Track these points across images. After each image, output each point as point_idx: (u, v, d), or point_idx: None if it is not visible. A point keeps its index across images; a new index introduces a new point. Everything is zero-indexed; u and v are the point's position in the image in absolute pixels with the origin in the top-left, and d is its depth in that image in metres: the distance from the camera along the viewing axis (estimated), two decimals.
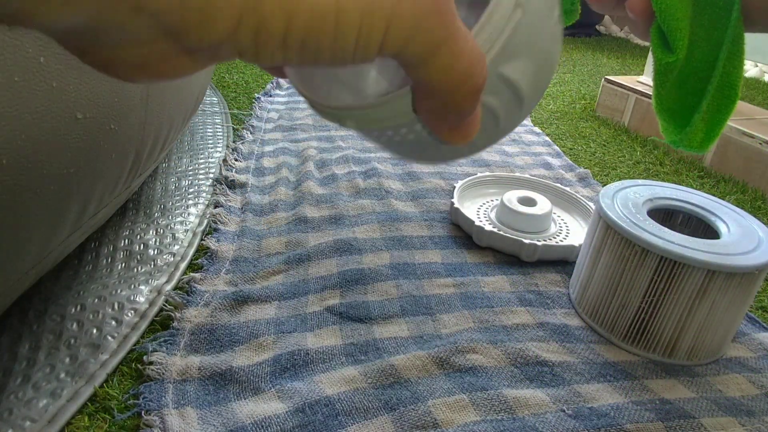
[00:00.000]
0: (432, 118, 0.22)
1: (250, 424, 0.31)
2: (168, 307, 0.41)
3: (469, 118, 0.22)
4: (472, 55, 0.20)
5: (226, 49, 0.16)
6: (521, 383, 0.36)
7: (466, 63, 0.20)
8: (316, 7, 0.16)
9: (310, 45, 0.17)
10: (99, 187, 0.39)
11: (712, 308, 0.37)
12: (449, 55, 0.19)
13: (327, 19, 0.16)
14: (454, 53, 0.19)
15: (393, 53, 0.18)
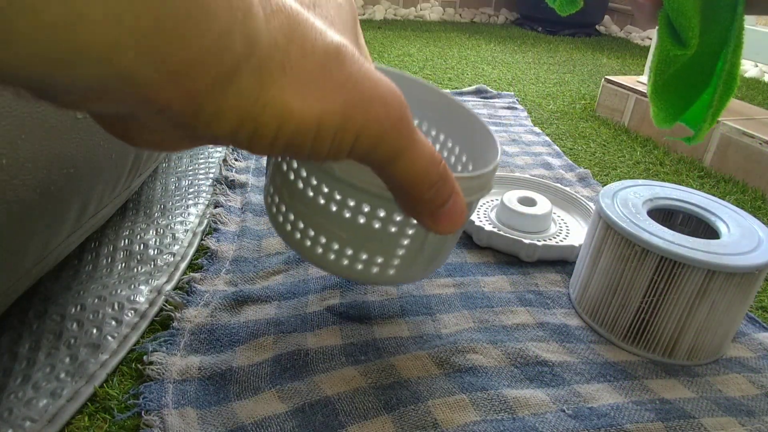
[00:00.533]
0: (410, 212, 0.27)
1: (250, 424, 0.31)
2: (168, 307, 0.41)
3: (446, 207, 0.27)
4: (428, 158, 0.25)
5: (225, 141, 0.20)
6: (521, 383, 0.36)
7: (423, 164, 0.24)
8: (302, 121, 0.20)
9: (294, 146, 0.21)
10: (99, 187, 0.39)
11: (712, 308, 0.37)
12: (408, 159, 0.24)
13: (309, 130, 0.20)
14: (412, 158, 0.24)
15: (359, 158, 0.23)
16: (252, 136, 0.19)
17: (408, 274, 0.34)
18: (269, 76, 0.19)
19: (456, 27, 1.90)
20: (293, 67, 0.20)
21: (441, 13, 2.05)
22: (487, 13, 2.15)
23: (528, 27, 1.99)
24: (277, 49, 0.19)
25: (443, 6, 2.07)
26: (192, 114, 0.18)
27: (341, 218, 0.31)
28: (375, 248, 0.32)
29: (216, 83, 0.17)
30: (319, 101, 0.20)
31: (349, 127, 0.21)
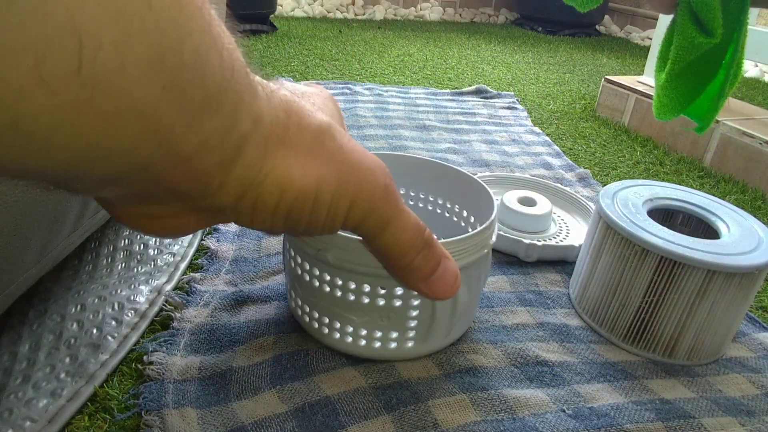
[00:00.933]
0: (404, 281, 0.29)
1: (250, 424, 0.31)
2: (168, 307, 0.41)
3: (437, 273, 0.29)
4: (413, 227, 0.26)
5: (228, 214, 0.21)
6: (521, 383, 0.36)
7: (409, 234, 0.26)
8: (301, 188, 0.21)
9: (293, 215, 0.22)
10: None
11: (712, 308, 0.37)
12: (396, 229, 0.25)
13: (308, 198, 0.21)
14: (399, 228, 0.26)
15: (353, 227, 0.24)
16: (254, 205, 0.21)
17: (428, 344, 0.36)
18: (271, 148, 0.20)
19: (456, 27, 1.90)
20: (292, 139, 0.21)
21: (441, 13, 2.05)
22: (487, 13, 2.15)
23: (528, 27, 1.99)
24: (278, 125, 0.20)
25: (443, 6, 2.07)
26: (199, 189, 0.19)
27: (347, 302, 0.34)
28: (386, 324, 0.34)
29: (223, 161, 0.18)
30: (316, 169, 0.22)
31: (343, 194, 0.23)
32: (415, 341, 0.35)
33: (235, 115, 0.18)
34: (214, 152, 0.18)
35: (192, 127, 0.16)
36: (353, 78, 1.12)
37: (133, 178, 0.17)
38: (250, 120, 0.19)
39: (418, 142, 0.78)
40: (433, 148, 0.77)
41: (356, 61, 1.26)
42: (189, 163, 0.17)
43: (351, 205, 0.23)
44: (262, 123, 0.20)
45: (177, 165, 0.17)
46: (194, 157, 0.17)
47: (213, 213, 0.21)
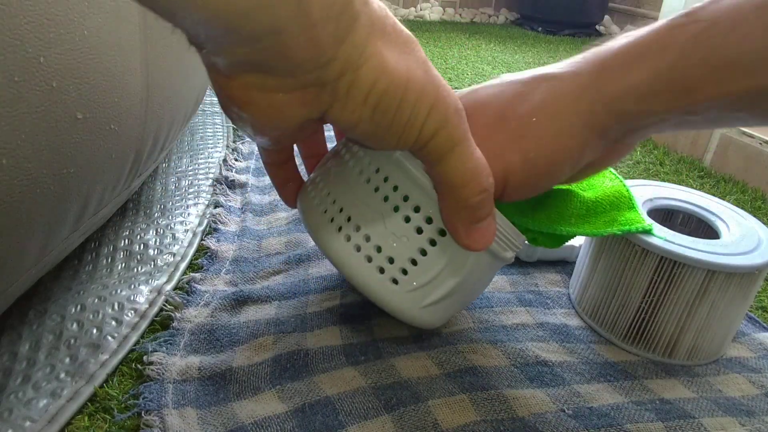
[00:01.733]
0: (451, 218, 0.29)
1: (250, 424, 0.31)
2: (168, 307, 0.41)
3: (482, 224, 0.29)
4: (478, 161, 0.27)
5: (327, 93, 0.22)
6: (521, 383, 0.36)
7: (473, 164, 0.26)
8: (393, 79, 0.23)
9: (380, 108, 0.23)
10: (99, 187, 0.39)
11: (712, 308, 0.37)
12: (461, 155, 0.26)
13: (398, 90, 0.23)
14: (464, 155, 0.26)
15: (425, 141, 0.25)
16: (351, 86, 0.22)
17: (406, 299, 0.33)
18: (374, 35, 0.22)
19: (456, 27, 1.90)
20: (390, 35, 0.23)
21: (441, 13, 2.05)
22: (487, 13, 2.15)
23: (528, 27, 1.98)
24: (380, 17, 0.23)
25: (443, 6, 2.07)
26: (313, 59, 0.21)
27: (378, 201, 0.32)
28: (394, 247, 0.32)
29: (338, 33, 0.21)
30: (407, 66, 0.23)
31: (425, 97, 0.24)
32: (401, 284, 0.32)
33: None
34: (333, 22, 0.20)
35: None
36: None
37: (267, 40, 0.19)
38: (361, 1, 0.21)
39: None
40: None
41: None
42: (313, 30, 0.20)
43: (429, 111, 0.24)
44: (370, 7, 0.22)
45: (304, 31, 0.19)
46: (318, 25, 0.20)
47: (315, 92, 0.22)
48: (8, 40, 0.25)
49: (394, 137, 0.25)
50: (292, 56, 0.20)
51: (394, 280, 0.32)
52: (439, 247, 0.31)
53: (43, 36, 0.28)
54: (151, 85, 0.42)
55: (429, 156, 0.26)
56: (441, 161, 0.26)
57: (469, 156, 0.26)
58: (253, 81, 0.22)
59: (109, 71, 0.35)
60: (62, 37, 0.29)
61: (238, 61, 0.21)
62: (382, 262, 0.32)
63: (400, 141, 0.25)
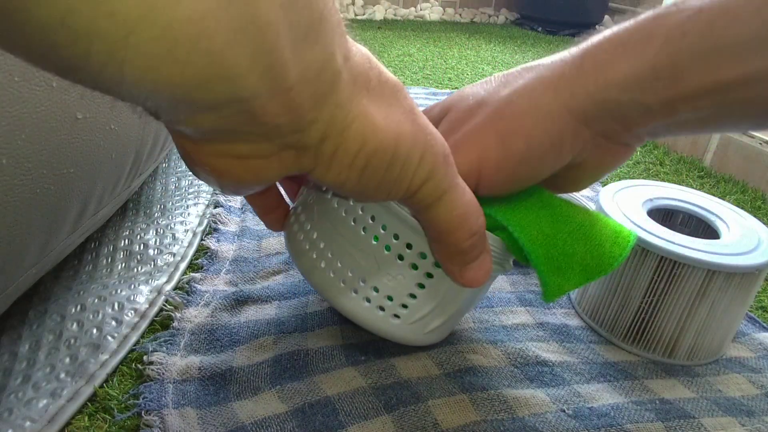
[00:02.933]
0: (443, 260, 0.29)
1: (250, 424, 0.31)
2: (168, 307, 0.41)
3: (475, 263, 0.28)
4: (467, 206, 0.26)
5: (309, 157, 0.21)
6: (521, 383, 0.36)
7: (461, 211, 0.26)
8: (383, 140, 0.21)
9: (369, 169, 0.22)
10: (99, 187, 0.39)
11: (712, 308, 0.37)
12: (449, 202, 0.25)
13: (387, 150, 0.22)
14: (452, 202, 0.25)
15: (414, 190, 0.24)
16: (336, 150, 0.21)
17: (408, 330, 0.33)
18: (357, 92, 0.21)
19: (456, 27, 1.90)
20: (374, 89, 0.22)
21: (441, 13, 2.05)
22: (487, 13, 2.15)
23: (528, 27, 1.98)
24: (364, 70, 0.21)
25: (443, 6, 2.07)
26: (292, 123, 0.19)
27: (367, 243, 0.31)
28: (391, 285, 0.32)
29: (318, 95, 0.19)
30: (396, 123, 0.22)
31: (415, 152, 0.23)
32: (402, 319, 0.33)
33: (332, 48, 0.19)
34: (311, 84, 0.18)
35: (296, 54, 0.17)
36: None
37: (235, 107, 0.17)
38: (342, 56, 0.19)
39: None
40: None
41: None
42: (289, 93, 0.17)
43: (419, 163, 0.23)
44: (351, 62, 0.20)
45: (277, 95, 0.17)
46: (294, 88, 0.18)
47: (296, 155, 0.20)
48: None
49: (382, 194, 0.23)
50: (266, 122, 0.18)
51: (395, 315, 0.33)
52: (436, 279, 0.31)
53: None
54: None
55: (416, 205, 0.25)
56: (429, 209, 0.25)
57: (457, 202, 0.25)
58: (223, 149, 0.19)
59: None
60: None
61: (203, 130, 0.18)
62: (381, 302, 0.32)
63: (389, 196, 0.24)
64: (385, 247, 0.31)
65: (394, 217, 0.30)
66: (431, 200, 0.25)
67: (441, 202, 0.25)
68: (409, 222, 0.29)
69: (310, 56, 0.17)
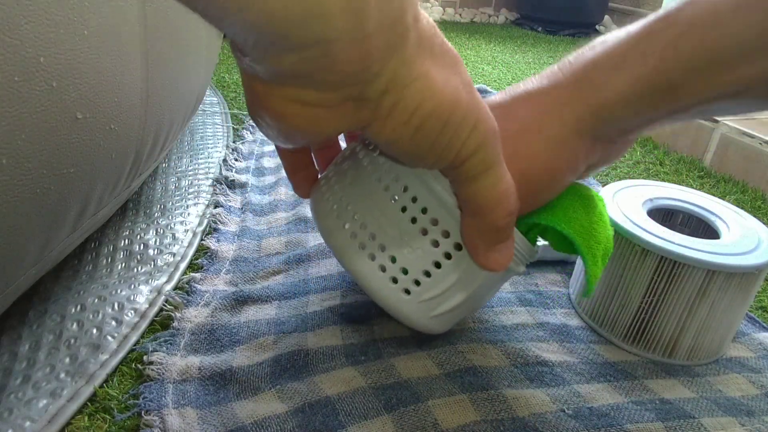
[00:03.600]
0: (473, 238, 0.29)
1: (250, 424, 0.31)
2: (168, 307, 0.41)
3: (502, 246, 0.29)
4: (508, 184, 0.27)
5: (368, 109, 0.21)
6: (521, 383, 0.36)
7: (504, 187, 0.26)
8: (440, 102, 0.22)
9: (423, 130, 0.22)
10: (99, 187, 0.39)
11: (712, 308, 0.37)
12: (494, 176, 0.26)
13: (443, 114, 0.22)
14: (497, 177, 0.26)
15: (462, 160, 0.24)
16: (395, 105, 0.21)
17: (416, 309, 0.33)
18: (422, 53, 0.21)
19: (456, 27, 1.90)
20: (437, 54, 0.22)
21: (441, 13, 2.05)
22: (487, 13, 2.15)
23: (528, 27, 1.98)
24: (429, 35, 0.22)
25: (443, 6, 2.07)
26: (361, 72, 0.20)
27: (395, 211, 0.31)
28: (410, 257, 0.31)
29: (388, 47, 0.20)
30: (454, 89, 0.23)
31: (468, 120, 0.23)
32: (412, 295, 0.32)
33: (405, 5, 0.20)
34: (385, 34, 0.19)
35: (380, 3, 0.18)
36: None
37: (318, 49, 0.18)
38: (412, 16, 0.20)
39: None
40: None
41: None
42: (366, 41, 0.19)
43: (470, 133, 0.24)
44: (420, 24, 0.21)
45: (356, 42, 0.18)
46: (372, 36, 0.19)
47: (356, 107, 0.21)
48: (8, 40, 0.25)
49: (432, 157, 0.24)
50: (339, 68, 0.19)
51: (406, 290, 0.32)
52: (454, 261, 0.31)
53: (43, 36, 0.28)
54: (151, 85, 0.42)
55: (461, 176, 0.26)
56: (473, 182, 0.26)
57: (501, 178, 0.26)
58: (293, 93, 0.21)
59: (109, 71, 0.35)
60: (62, 37, 0.29)
61: (282, 71, 0.20)
62: (395, 273, 0.32)
63: (437, 161, 0.24)
64: (411, 219, 0.31)
65: (428, 191, 0.30)
66: (477, 172, 0.25)
67: (486, 176, 0.26)
68: (442, 197, 0.29)
69: (388, 7, 0.19)
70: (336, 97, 0.21)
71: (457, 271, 0.32)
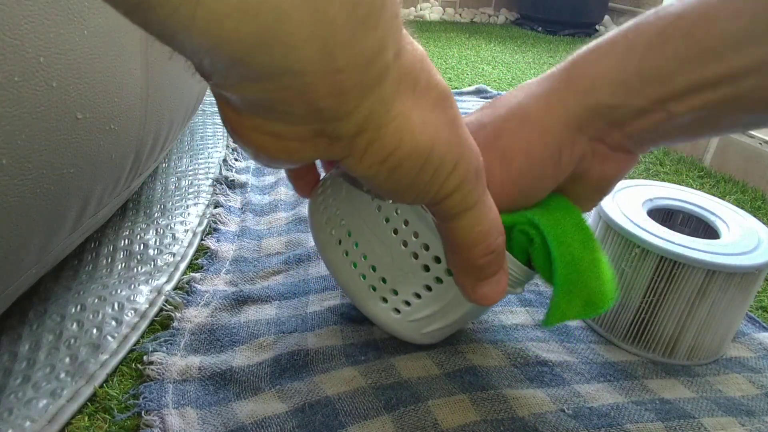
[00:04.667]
0: (457, 272, 0.28)
1: (250, 424, 0.31)
2: (168, 307, 0.41)
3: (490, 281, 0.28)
4: (492, 223, 0.26)
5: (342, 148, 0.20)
6: (521, 383, 0.36)
7: (484, 227, 0.25)
8: (418, 144, 0.21)
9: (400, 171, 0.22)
10: (99, 187, 0.39)
11: (712, 308, 0.37)
12: (474, 217, 0.25)
13: (421, 156, 0.21)
14: (478, 217, 0.25)
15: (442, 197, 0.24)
16: (370, 145, 0.21)
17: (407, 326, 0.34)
18: (403, 92, 0.20)
19: (456, 27, 1.90)
20: (420, 93, 0.21)
21: (441, 13, 2.05)
22: (487, 13, 2.15)
23: (528, 27, 1.99)
24: (413, 71, 0.21)
25: (443, 6, 2.07)
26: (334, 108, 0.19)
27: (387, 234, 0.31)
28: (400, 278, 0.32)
29: (364, 84, 0.18)
30: (434, 129, 0.22)
31: (448, 160, 0.22)
32: (402, 314, 0.33)
33: (386, 41, 0.18)
34: (360, 71, 0.18)
35: (353, 36, 0.17)
36: None
37: (285, 80, 0.17)
38: (394, 51, 0.19)
39: None
40: None
41: None
42: (337, 75, 0.17)
43: (451, 172, 0.23)
44: (402, 60, 0.20)
45: (327, 74, 0.17)
46: (344, 71, 0.17)
47: (330, 143, 0.20)
48: (8, 40, 0.25)
49: (410, 195, 0.23)
50: (312, 102, 0.18)
51: (396, 309, 0.33)
52: (445, 285, 0.31)
53: (43, 36, 0.28)
54: (151, 85, 0.42)
55: (442, 213, 0.25)
56: (452, 220, 0.25)
57: (481, 218, 0.25)
58: (262, 125, 0.19)
59: (109, 71, 0.35)
60: (62, 37, 0.29)
61: (248, 100, 0.18)
62: (386, 293, 0.32)
63: (416, 198, 0.24)
64: (402, 242, 0.31)
65: (418, 216, 0.30)
66: (457, 211, 0.25)
67: (465, 215, 0.25)
68: (432, 225, 0.29)
69: (365, 42, 0.17)
70: (307, 130, 0.20)
71: (448, 294, 0.32)
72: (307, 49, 0.16)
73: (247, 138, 0.20)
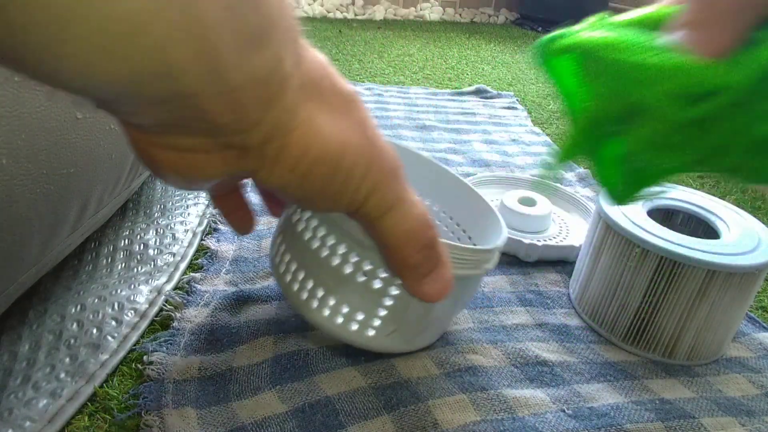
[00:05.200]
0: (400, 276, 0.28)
1: (250, 424, 0.31)
2: (168, 307, 0.41)
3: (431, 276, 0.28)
4: (417, 219, 0.25)
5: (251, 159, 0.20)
6: (521, 383, 0.36)
7: (411, 224, 0.25)
8: (327, 148, 0.21)
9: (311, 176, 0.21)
10: (99, 187, 0.39)
11: (712, 308, 0.37)
12: (397, 216, 0.25)
13: (331, 160, 0.21)
14: (401, 216, 0.25)
15: (358, 204, 0.23)
16: (279, 153, 0.20)
17: (389, 341, 0.34)
18: (307, 98, 0.20)
19: (456, 27, 1.90)
20: (325, 97, 0.21)
21: (441, 13, 2.05)
22: (487, 13, 2.15)
23: (528, 27, 1.99)
24: (315, 78, 0.21)
25: (443, 6, 2.07)
26: (236, 123, 0.18)
27: (329, 265, 0.31)
28: (356, 302, 0.32)
29: (264, 98, 0.18)
30: (342, 132, 0.22)
31: (359, 163, 0.22)
32: (377, 331, 0.33)
33: (281, 54, 0.18)
34: (258, 87, 0.18)
35: (242, 57, 0.17)
36: (353, 78, 1.12)
37: (179, 102, 0.17)
38: (292, 61, 0.19)
39: (418, 142, 0.78)
40: (433, 148, 0.77)
41: (356, 62, 1.26)
42: (234, 94, 0.17)
43: (364, 176, 0.23)
44: (303, 68, 0.20)
45: (222, 94, 0.17)
46: (239, 89, 0.17)
47: (238, 154, 0.20)
48: None
49: (326, 203, 0.23)
50: (211, 119, 0.18)
51: (369, 329, 0.33)
52: (403, 292, 0.31)
53: None
54: None
55: (363, 219, 0.25)
56: (376, 223, 0.25)
57: (405, 217, 0.25)
58: (167, 141, 0.19)
59: None
60: None
61: (148, 122, 0.18)
62: (351, 319, 0.33)
63: (334, 206, 0.23)
64: (342, 263, 0.31)
65: (350, 239, 0.30)
66: (377, 214, 0.24)
67: (387, 217, 0.25)
68: (364, 243, 0.29)
69: (257, 61, 0.17)
70: (213, 143, 0.19)
71: (410, 301, 0.32)
72: (192, 75, 0.16)
73: (152, 156, 0.20)
